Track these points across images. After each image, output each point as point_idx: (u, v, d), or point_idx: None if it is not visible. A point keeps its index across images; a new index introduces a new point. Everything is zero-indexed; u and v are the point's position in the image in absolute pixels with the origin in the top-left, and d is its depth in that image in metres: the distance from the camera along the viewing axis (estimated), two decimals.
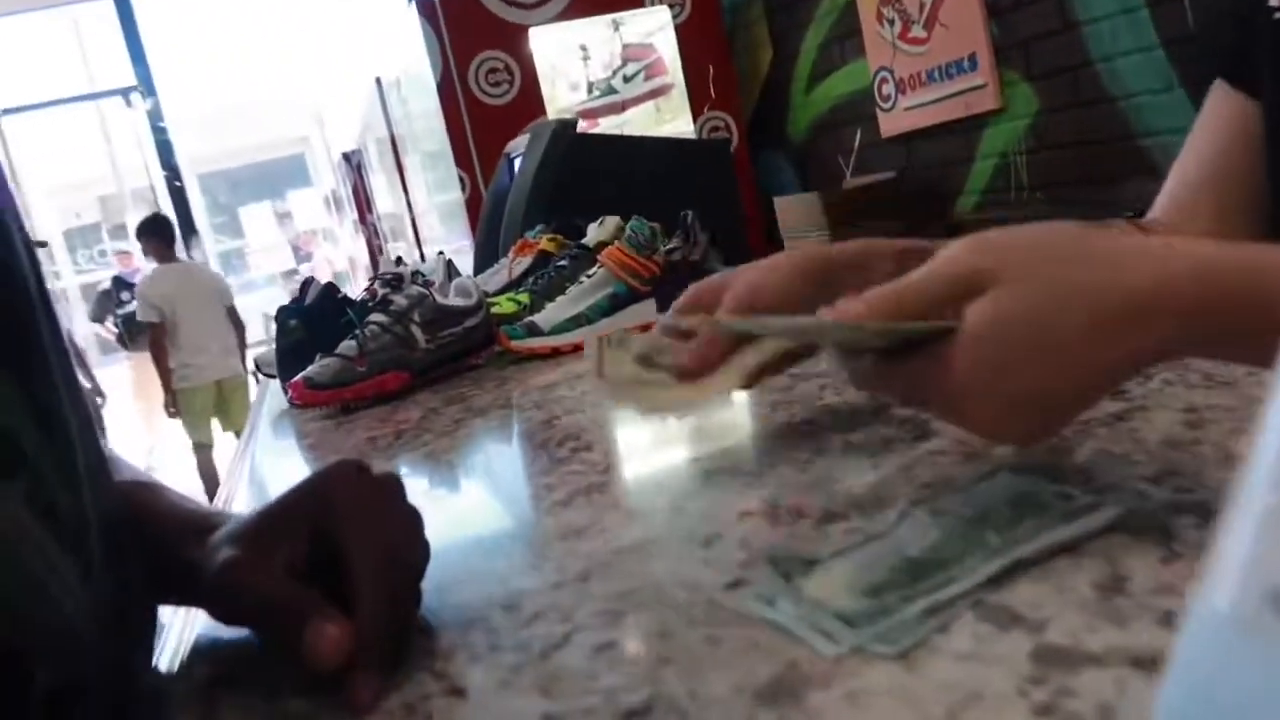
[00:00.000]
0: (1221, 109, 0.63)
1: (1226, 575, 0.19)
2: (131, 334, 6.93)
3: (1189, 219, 0.62)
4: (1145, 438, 0.49)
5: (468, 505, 0.65)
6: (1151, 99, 1.92)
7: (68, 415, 0.38)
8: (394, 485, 0.45)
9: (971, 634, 0.34)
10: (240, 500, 0.93)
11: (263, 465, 1.04)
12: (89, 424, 0.40)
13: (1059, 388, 0.39)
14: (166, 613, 0.54)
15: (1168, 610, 0.33)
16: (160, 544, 0.47)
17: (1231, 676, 0.18)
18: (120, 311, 6.98)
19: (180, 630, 0.52)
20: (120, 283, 7.09)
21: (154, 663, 0.48)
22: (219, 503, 0.98)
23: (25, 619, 0.32)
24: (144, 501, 0.50)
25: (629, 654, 0.38)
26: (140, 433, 6.80)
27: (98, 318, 7.13)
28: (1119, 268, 0.38)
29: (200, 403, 4.56)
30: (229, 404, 4.63)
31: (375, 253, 6.48)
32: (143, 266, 7.04)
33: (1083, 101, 2.08)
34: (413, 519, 0.45)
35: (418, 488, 0.76)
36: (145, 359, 6.37)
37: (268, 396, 1.41)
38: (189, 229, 6.45)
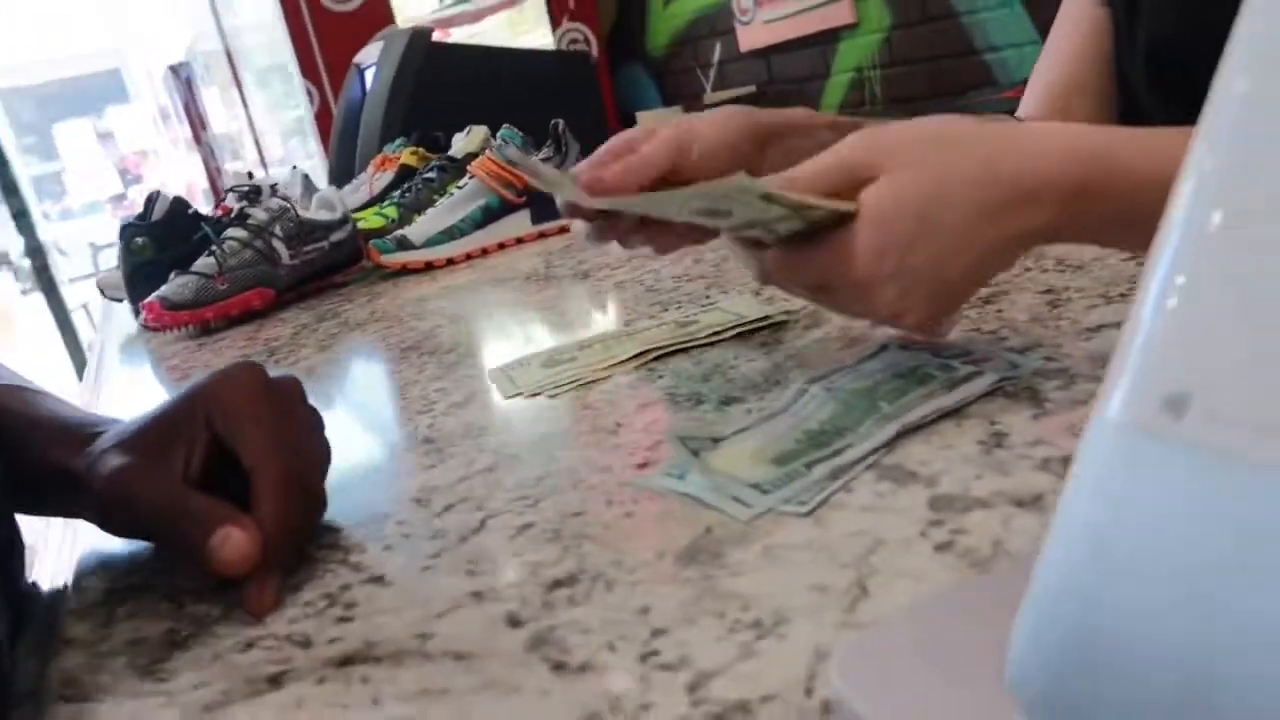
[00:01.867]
0: (1077, 13, 0.67)
1: (1123, 386, 0.21)
2: None
3: (1072, 118, 0.66)
4: (1012, 317, 0.52)
5: (360, 413, 0.64)
6: (992, 15, 2.01)
7: None
8: (293, 386, 0.44)
9: (872, 491, 0.37)
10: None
11: (118, 391, 0.98)
12: None
13: (954, 265, 0.41)
14: (49, 525, 0.51)
15: (1043, 458, 0.36)
16: (30, 450, 0.44)
17: (1134, 480, 0.20)
18: None
19: (60, 543, 0.50)
20: None
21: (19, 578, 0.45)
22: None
23: None
24: (19, 406, 0.47)
25: (549, 533, 0.39)
26: None
27: None
28: (1004, 153, 0.41)
29: None
30: None
31: (214, 174, 6.08)
32: None
33: (930, 17, 2.15)
34: (313, 419, 0.44)
35: (319, 394, 0.74)
36: None
37: (112, 320, 1.33)
38: None
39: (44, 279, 5.82)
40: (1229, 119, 0.20)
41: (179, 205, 1.19)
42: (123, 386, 1.00)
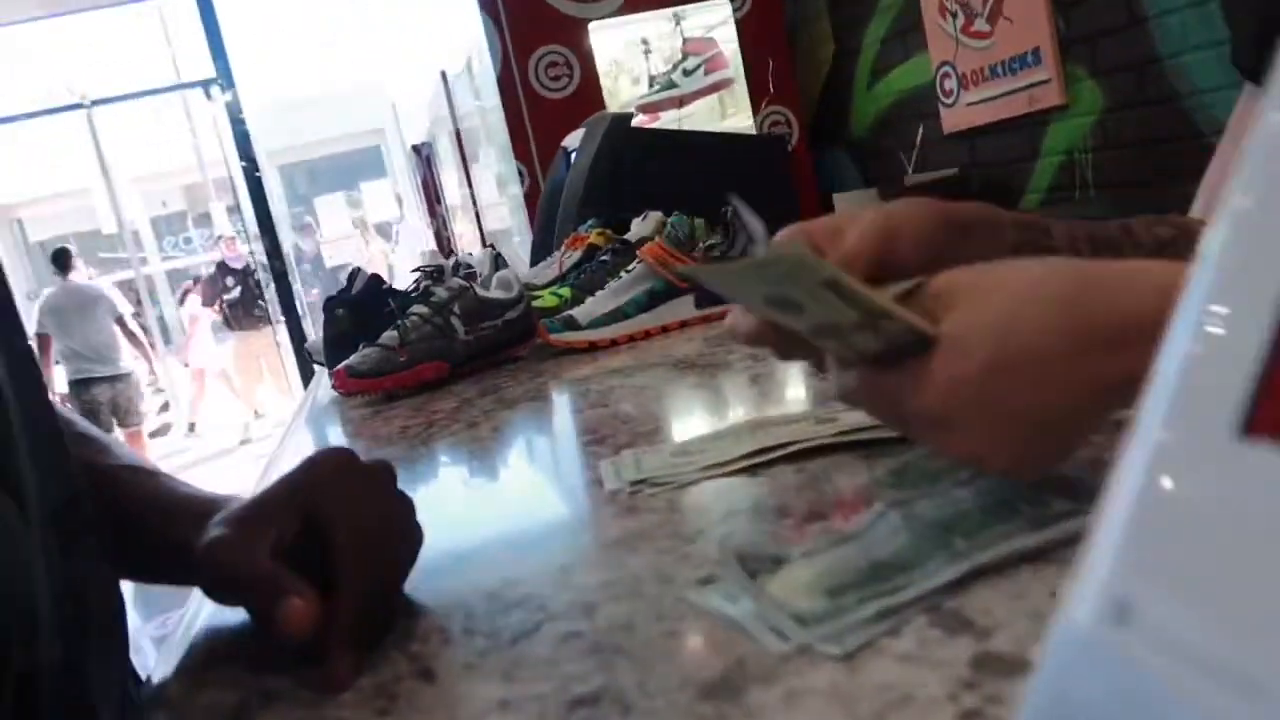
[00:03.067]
0: (1250, 109, 0.61)
1: (1082, 586, 0.19)
2: (237, 316, 7.32)
3: None
4: None
5: (472, 497, 0.67)
6: (1219, 96, 1.85)
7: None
8: (383, 473, 0.47)
9: (918, 637, 0.34)
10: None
11: (300, 449, 1.07)
12: (41, 402, 0.42)
13: (1044, 403, 0.38)
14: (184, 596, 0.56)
15: None
16: (157, 526, 0.49)
17: (1080, 686, 0.18)
18: (225, 296, 7.34)
19: (194, 613, 0.55)
20: (224, 268, 7.43)
21: (121, 655, 0.50)
22: (262, 481, 1.02)
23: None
24: (139, 484, 0.52)
25: (591, 644, 0.39)
26: (239, 405, 7.39)
27: (209, 302, 7.50)
28: (1092, 287, 0.38)
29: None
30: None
31: (444, 244, 6.59)
32: (242, 251, 7.44)
33: (1149, 99, 2.01)
34: (401, 505, 0.47)
35: (427, 469, 0.78)
36: (248, 338, 6.92)
37: (317, 382, 1.46)
38: (266, 217, 6.63)
39: (295, 333, 6.51)
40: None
41: (375, 282, 1.30)
42: (304, 445, 1.10)
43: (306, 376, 5.67)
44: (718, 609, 0.39)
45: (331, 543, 0.42)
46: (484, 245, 5.03)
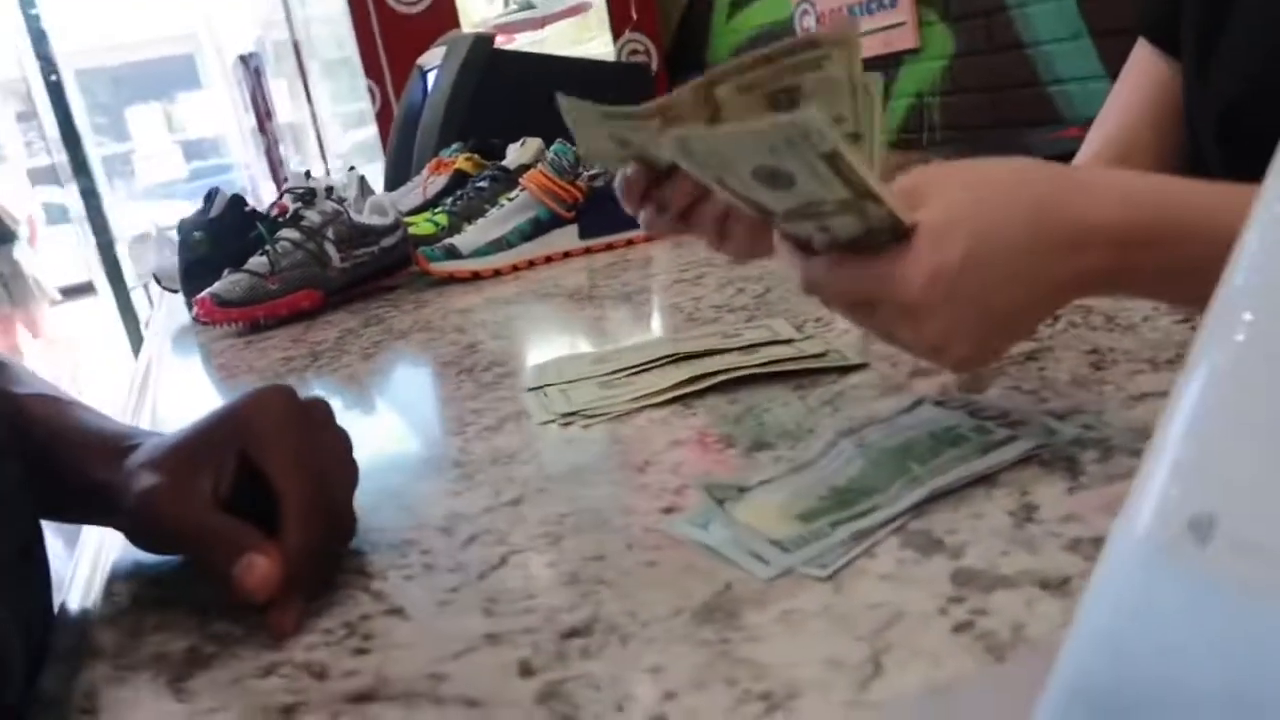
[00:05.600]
0: (1145, 66, 0.65)
1: (1147, 505, 0.21)
2: None
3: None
4: (1054, 377, 0.51)
5: (394, 430, 0.64)
6: (1059, 47, 1.97)
7: None
8: (322, 409, 0.45)
9: (895, 558, 0.36)
10: (146, 421, 0.90)
11: (171, 385, 1.00)
12: None
13: (1002, 299, 0.40)
14: (85, 533, 0.52)
15: (1074, 538, 0.35)
16: (68, 461, 0.45)
17: (1155, 598, 0.20)
18: None
19: (97, 550, 0.51)
20: None
21: (37, 590, 0.46)
22: (136, 415, 0.95)
23: None
24: (49, 415, 0.48)
25: (567, 575, 0.39)
26: None
27: None
28: (1059, 192, 0.40)
29: None
30: None
31: (276, 164, 6.21)
32: None
33: (996, 46, 2.12)
34: (342, 442, 0.45)
35: (338, 411, 0.75)
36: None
37: (166, 311, 1.36)
38: (70, 129, 6.02)
39: (108, 257, 5.98)
40: None
41: (236, 203, 1.22)
42: (173, 380, 1.03)
43: (127, 311, 5.20)
44: (691, 536, 0.40)
45: (278, 487, 0.40)
46: (324, 165, 4.77)
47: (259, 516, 0.40)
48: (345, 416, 0.70)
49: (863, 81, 0.39)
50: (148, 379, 1.05)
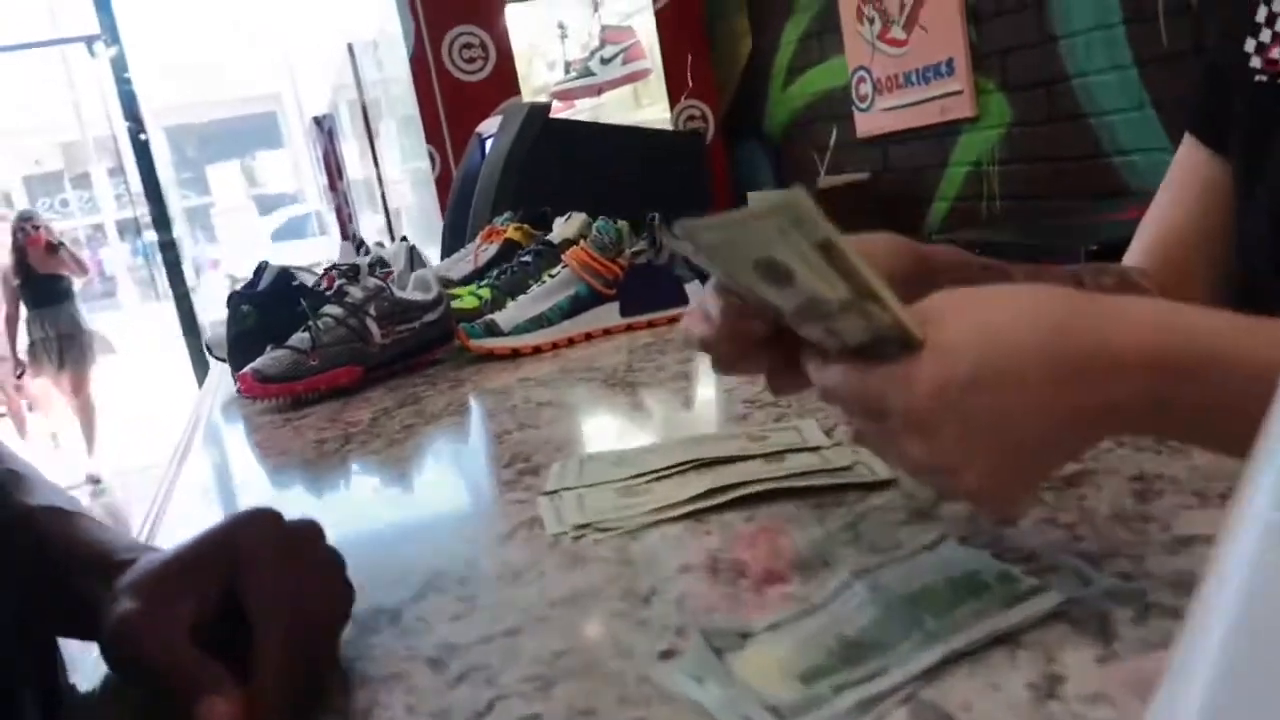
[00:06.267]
0: (1192, 162, 0.62)
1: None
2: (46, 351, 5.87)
3: (1180, 276, 0.61)
4: (1093, 508, 0.48)
5: (405, 535, 0.63)
6: (1122, 117, 1.93)
7: None
8: (309, 534, 0.43)
9: None
10: (181, 492, 0.90)
11: (207, 461, 1.01)
12: None
13: (1021, 425, 0.37)
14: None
15: None
16: (65, 577, 0.45)
17: None
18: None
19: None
20: (25, 268, 6.08)
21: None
22: (162, 489, 0.95)
23: None
24: (54, 529, 0.47)
25: None
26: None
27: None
28: (1083, 315, 0.38)
29: None
30: None
31: (345, 220, 6.39)
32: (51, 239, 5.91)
33: (1056, 116, 2.08)
34: (330, 569, 0.43)
35: (355, 502, 0.74)
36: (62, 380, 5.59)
37: (219, 380, 1.38)
38: (153, 183, 6.28)
39: (184, 309, 6.17)
40: None
41: (284, 277, 1.24)
42: (215, 453, 1.04)
43: (200, 369, 5.34)
44: (685, 693, 0.38)
45: (253, 622, 0.39)
46: (387, 219, 4.89)
47: (247, 649, 0.39)
48: (360, 515, 0.70)
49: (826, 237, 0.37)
50: (187, 450, 1.06)
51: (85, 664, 0.50)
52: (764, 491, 0.56)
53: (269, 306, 1.23)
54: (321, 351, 1.10)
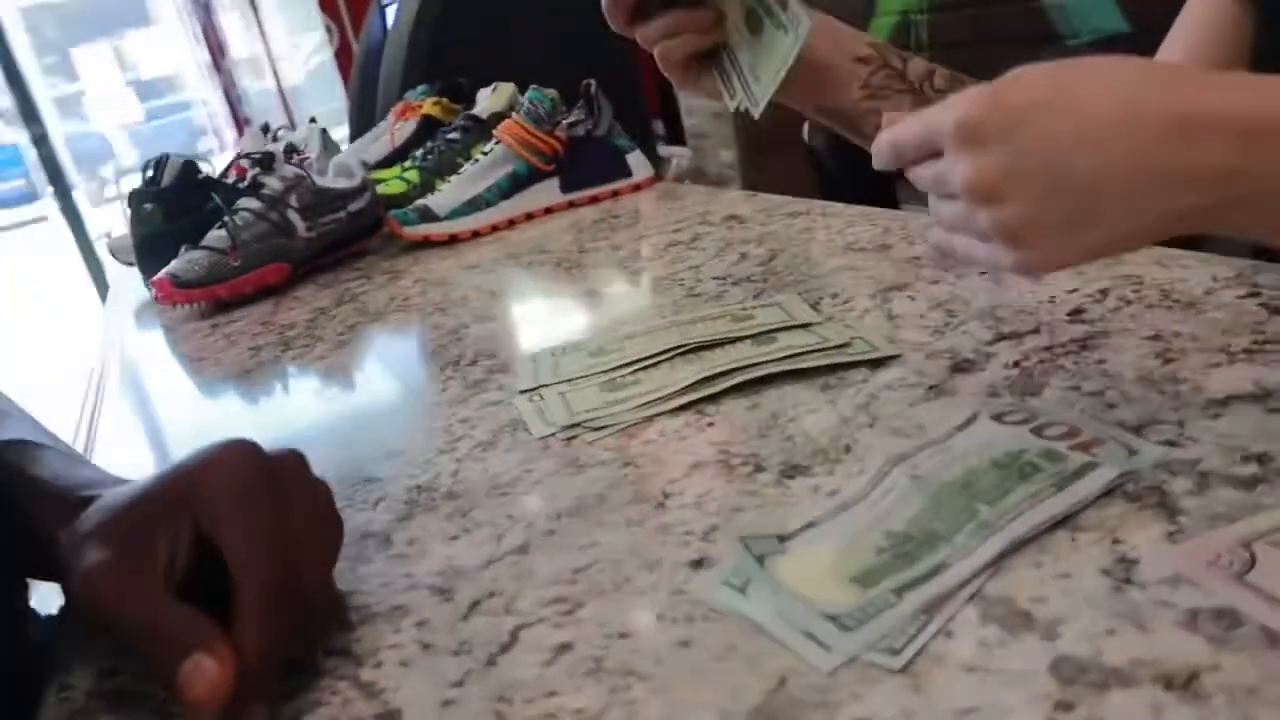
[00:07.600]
0: (1205, 11, 0.58)
1: None
2: None
3: None
4: (1117, 372, 0.46)
5: (377, 445, 0.58)
6: None
7: None
8: (292, 469, 0.38)
9: (977, 638, 0.31)
10: (107, 416, 0.83)
11: (137, 376, 0.93)
12: None
13: (1084, 164, 0.34)
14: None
15: (1189, 609, 0.30)
16: (25, 517, 0.39)
17: None
18: None
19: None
20: None
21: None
22: (84, 416, 0.88)
23: None
24: (16, 465, 0.42)
25: (590, 661, 0.34)
26: None
27: None
28: (1179, 76, 0.36)
29: None
30: None
31: (235, 102, 5.99)
32: None
33: None
34: (319, 505, 0.39)
35: (311, 417, 0.69)
36: None
37: (125, 286, 1.27)
38: (12, 70, 5.73)
39: (67, 204, 5.76)
40: None
41: (189, 170, 1.13)
42: (137, 367, 0.96)
43: (96, 276, 4.97)
44: (730, 605, 0.35)
45: (236, 574, 0.34)
46: (282, 99, 4.59)
47: (227, 593, 0.34)
48: (320, 427, 0.65)
49: None
50: (106, 371, 0.98)
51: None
52: (762, 376, 0.53)
53: (176, 203, 1.12)
54: (243, 250, 1.02)
